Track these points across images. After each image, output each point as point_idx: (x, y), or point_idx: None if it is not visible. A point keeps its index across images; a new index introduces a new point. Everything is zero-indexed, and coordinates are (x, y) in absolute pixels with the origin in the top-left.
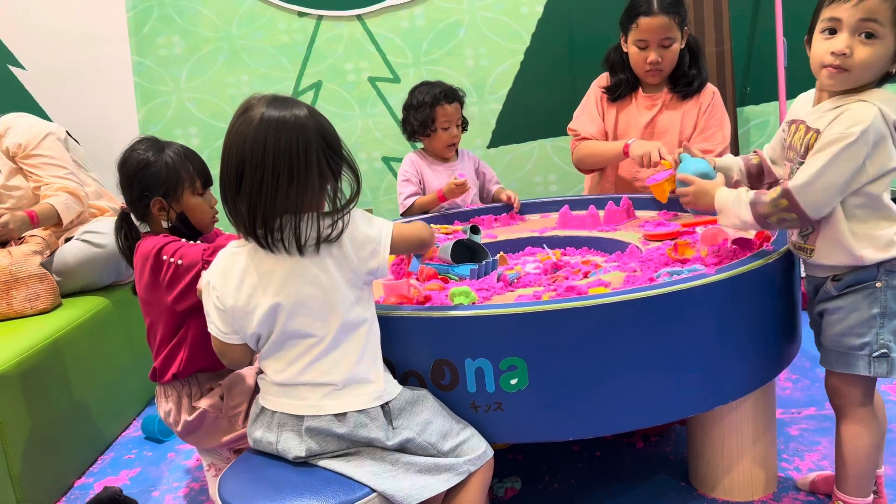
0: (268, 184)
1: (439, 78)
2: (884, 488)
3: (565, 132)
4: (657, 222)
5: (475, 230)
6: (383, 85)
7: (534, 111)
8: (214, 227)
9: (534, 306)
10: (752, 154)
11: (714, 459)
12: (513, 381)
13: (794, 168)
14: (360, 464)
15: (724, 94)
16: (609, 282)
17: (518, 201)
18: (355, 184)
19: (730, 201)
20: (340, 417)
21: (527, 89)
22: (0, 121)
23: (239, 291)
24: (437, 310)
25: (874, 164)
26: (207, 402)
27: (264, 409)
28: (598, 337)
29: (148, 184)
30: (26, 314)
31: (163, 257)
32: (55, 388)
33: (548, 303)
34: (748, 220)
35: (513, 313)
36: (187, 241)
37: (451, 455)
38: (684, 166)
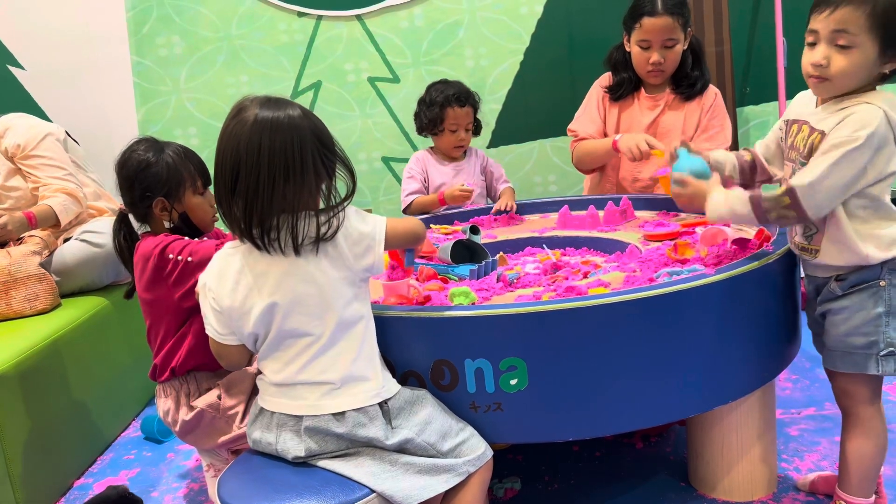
0: (263, 184)
1: (438, 79)
2: (884, 489)
3: (565, 132)
4: (657, 222)
5: (475, 230)
6: (383, 85)
7: (533, 111)
8: (215, 226)
9: (533, 306)
10: (745, 151)
11: (714, 460)
12: (512, 382)
13: (797, 168)
14: (359, 464)
15: (723, 95)
16: (609, 282)
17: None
18: (350, 181)
19: (723, 197)
20: (339, 417)
21: (526, 89)
22: (0, 121)
23: (235, 292)
24: (436, 310)
25: (874, 168)
26: (205, 401)
27: (263, 410)
28: (597, 337)
29: (149, 184)
30: (25, 314)
31: (168, 255)
32: (54, 389)
33: (548, 303)
34: (744, 215)
35: (512, 314)
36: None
37: (451, 455)
38: (680, 164)
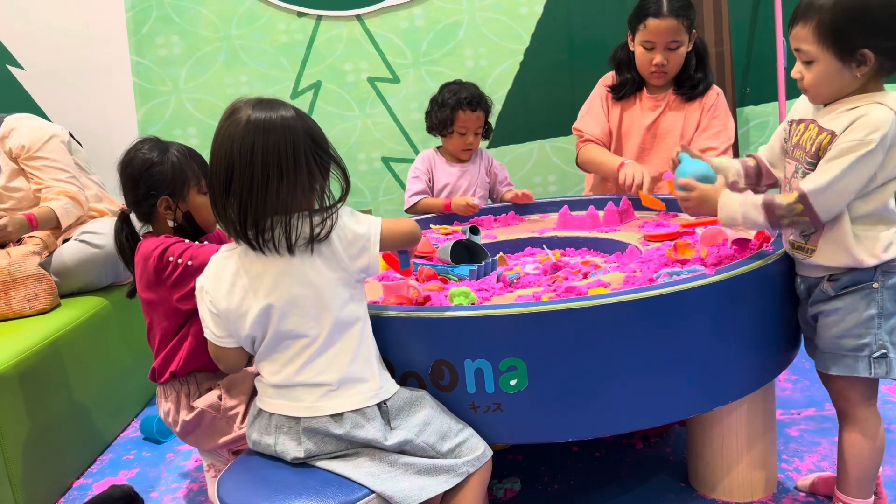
0: (258, 184)
1: (438, 79)
2: (883, 489)
3: (565, 132)
4: (657, 223)
5: (475, 231)
6: (383, 85)
7: (533, 111)
8: (217, 226)
9: (533, 307)
10: (749, 157)
11: (714, 460)
12: (512, 382)
13: (800, 167)
14: (358, 465)
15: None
16: (609, 282)
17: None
18: (344, 182)
19: (736, 202)
20: (337, 418)
21: (526, 90)
22: (5, 121)
23: (231, 294)
24: (436, 310)
25: (884, 170)
26: (205, 402)
27: (262, 411)
28: (597, 337)
29: (154, 183)
30: (25, 314)
31: (168, 258)
32: (54, 389)
33: (547, 303)
34: (758, 221)
35: (512, 314)
36: (191, 241)
37: (450, 456)
38: (683, 168)
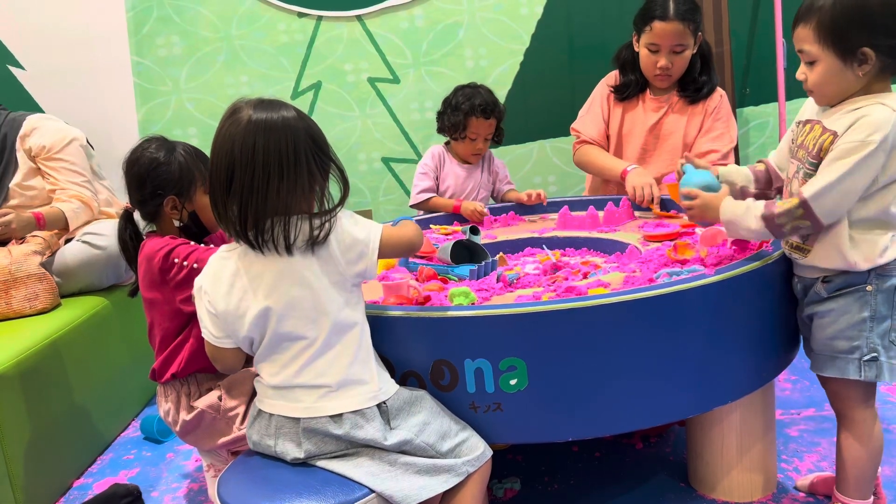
0: (258, 184)
1: (438, 79)
2: (882, 489)
3: (565, 133)
4: (657, 223)
5: (474, 231)
6: (383, 85)
7: (533, 112)
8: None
9: (533, 307)
10: (758, 163)
11: (713, 460)
12: (512, 382)
13: (802, 167)
14: (358, 464)
15: None
16: (608, 282)
17: (544, 196)
18: (343, 185)
19: (738, 214)
20: (336, 419)
21: (526, 90)
22: (27, 120)
23: (230, 295)
24: (436, 310)
25: (885, 172)
26: (205, 402)
27: (261, 412)
28: (597, 337)
29: (161, 182)
30: (25, 314)
31: (173, 260)
32: (54, 389)
33: (547, 303)
34: (760, 231)
35: (512, 314)
36: (196, 241)
37: (450, 456)
38: (687, 179)
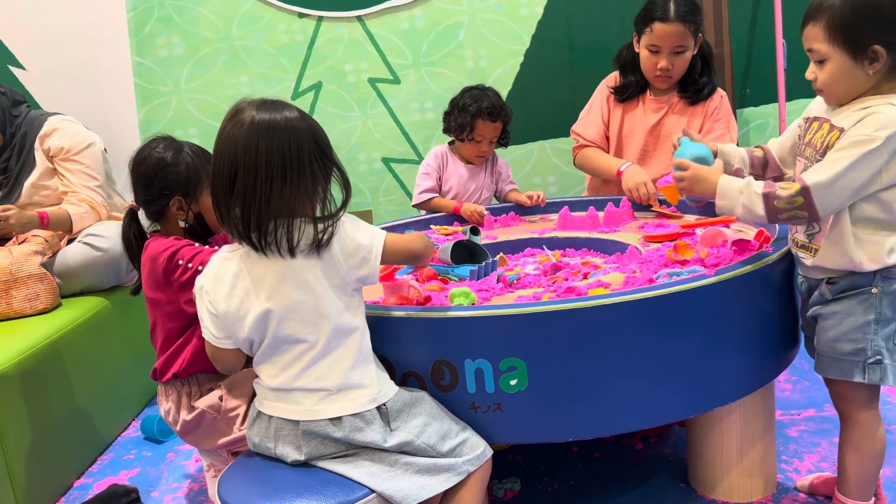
0: (261, 185)
1: (438, 80)
2: (883, 490)
3: (565, 133)
4: (657, 224)
5: (475, 231)
6: (383, 86)
7: (533, 112)
8: None
9: (533, 307)
10: (757, 148)
11: (713, 461)
12: (512, 382)
13: (809, 165)
14: (358, 465)
15: None
16: (609, 283)
17: (543, 198)
18: (344, 188)
19: (735, 188)
20: (336, 422)
21: (526, 91)
22: (49, 120)
23: (231, 296)
24: (436, 310)
25: (889, 172)
26: (206, 402)
27: (261, 414)
28: (597, 338)
29: (168, 183)
30: (26, 314)
31: (178, 261)
32: (54, 389)
33: (547, 304)
34: (757, 212)
35: (512, 314)
36: (201, 242)
37: (451, 455)
38: (682, 150)
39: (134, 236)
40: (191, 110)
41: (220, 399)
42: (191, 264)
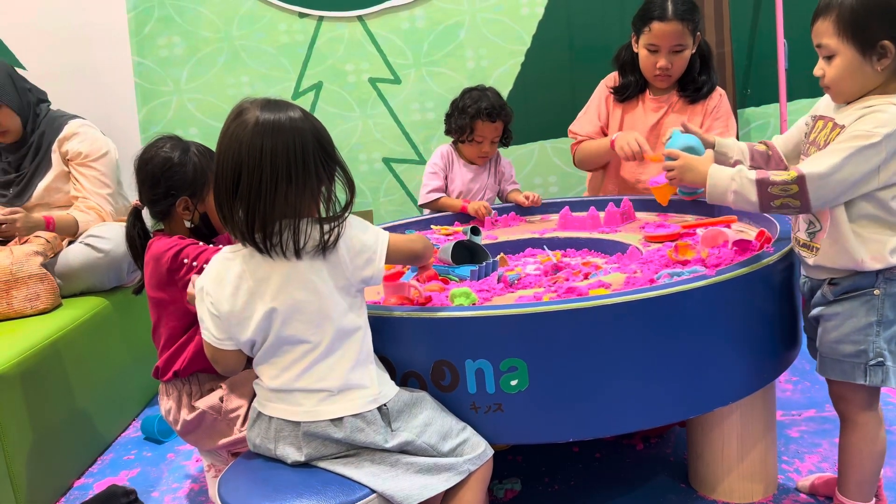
0: (266, 187)
1: (439, 80)
2: (883, 491)
3: (566, 133)
4: (658, 224)
5: (475, 231)
6: (384, 86)
7: (534, 112)
8: None
9: (534, 307)
10: (760, 143)
11: (714, 461)
12: (513, 382)
13: None
14: (359, 465)
15: None
16: (609, 283)
17: (538, 198)
18: (348, 189)
19: (727, 175)
20: (337, 423)
21: (527, 91)
22: (69, 124)
23: (235, 297)
24: (437, 311)
25: (887, 171)
26: (207, 403)
27: (261, 415)
28: (598, 338)
29: (175, 183)
30: (26, 314)
31: (183, 260)
32: (55, 389)
33: (548, 304)
34: (749, 198)
35: (513, 314)
36: (205, 242)
37: (451, 455)
38: (672, 142)
39: (138, 235)
40: (191, 110)
41: (221, 400)
42: (195, 263)
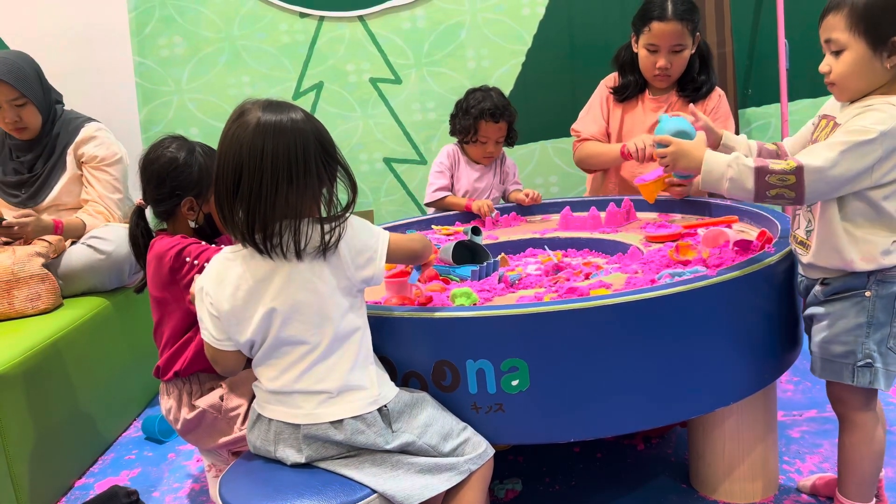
0: (267, 188)
1: (440, 80)
2: (884, 491)
3: (567, 133)
4: (659, 224)
5: (476, 231)
6: (384, 86)
7: (535, 112)
8: None
9: (535, 307)
10: (771, 143)
11: (715, 461)
12: (514, 383)
13: None
14: (360, 465)
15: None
16: (610, 283)
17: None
18: (350, 190)
19: (723, 161)
20: (337, 425)
21: (528, 91)
22: (86, 127)
23: (234, 297)
24: (438, 311)
25: (881, 169)
26: (207, 401)
27: (261, 416)
28: (599, 338)
29: (180, 183)
30: (27, 314)
31: (185, 258)
32: (56, 389)
33: (549, 304)
34: (746, 185)
35: (514, 314)
36: (208, 243)
37: (452, 455)
38: (661, 127)
39: (141, 234)
40: (192, 110)
41: (221, 398)
42: (197, 261)
